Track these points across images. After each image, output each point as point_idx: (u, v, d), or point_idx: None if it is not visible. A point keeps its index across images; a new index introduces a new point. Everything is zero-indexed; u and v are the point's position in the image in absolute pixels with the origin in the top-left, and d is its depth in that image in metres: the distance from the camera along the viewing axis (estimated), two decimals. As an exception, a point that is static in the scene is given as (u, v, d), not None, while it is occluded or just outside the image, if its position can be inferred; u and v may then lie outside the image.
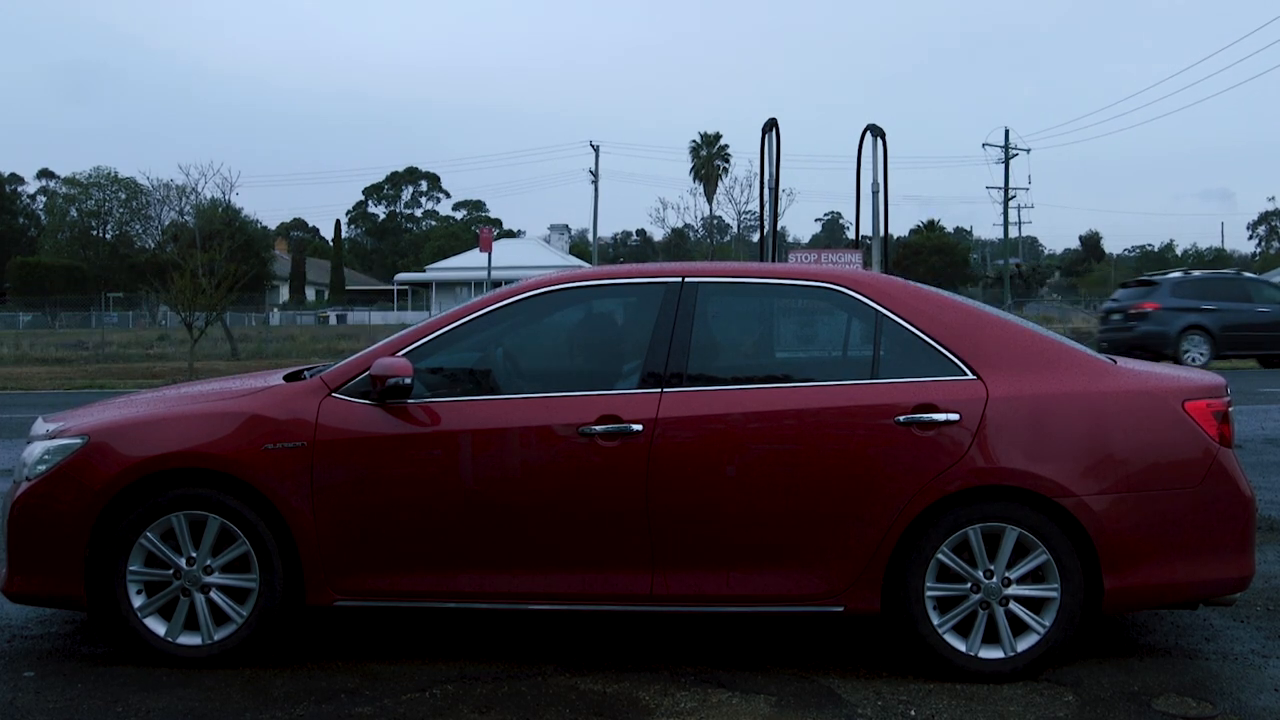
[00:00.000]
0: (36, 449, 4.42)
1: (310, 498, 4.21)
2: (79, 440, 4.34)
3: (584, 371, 4.66)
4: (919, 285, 4.63)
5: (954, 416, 4.14)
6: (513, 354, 4.65)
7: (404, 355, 4.34)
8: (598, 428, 4.18)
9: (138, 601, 4.29)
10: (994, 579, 4.13)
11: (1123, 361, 4.65)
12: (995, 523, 4.12)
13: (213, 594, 4.29)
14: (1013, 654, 4.13)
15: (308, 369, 4.91)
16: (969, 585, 4.14)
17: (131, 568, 4.27)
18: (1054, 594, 4.12)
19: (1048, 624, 4.12)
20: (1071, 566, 4.10)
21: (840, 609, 4.17)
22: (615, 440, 4.17)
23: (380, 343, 4.54)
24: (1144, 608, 4.40)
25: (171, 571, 4.28)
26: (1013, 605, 4.14)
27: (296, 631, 4.69)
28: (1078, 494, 4.08)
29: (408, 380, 4.22)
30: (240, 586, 4.28)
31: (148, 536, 4.26)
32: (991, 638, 4.15)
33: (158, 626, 4.30)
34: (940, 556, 4.13)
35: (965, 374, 4.23)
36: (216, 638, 4.28)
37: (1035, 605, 4.15)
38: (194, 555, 4.27)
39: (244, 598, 4.28)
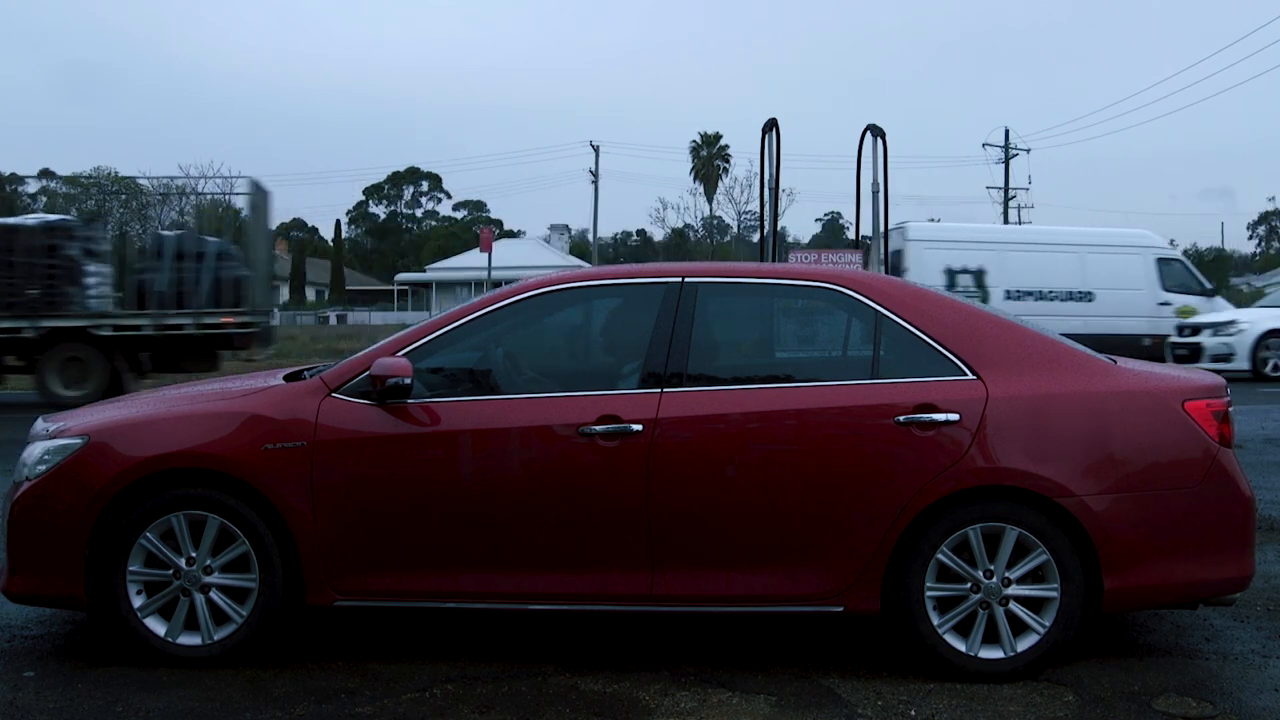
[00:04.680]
0: (37, 449, 4.42)
1: (310, 498, 4.21)
2: (79, 440, 4.33)
3: (584, 371, 4.66)
4: (919, 285, 4.64)
5: (954, 416, 4.14)
6: (513, 354, 4.65)
7: (404, 355, 4.34)
8: (598, 428, 4.18)
9: (138, 601, 4.28)
10: (994, 579, 4.13)
11: (1123, 361, 4.66)
12: (995, 523, 4.12)
13: (213, 594, 4.29)
14: (1013, 654, 4.13)
15: (308, 369, 4.91)
16: (969, 585, 4.14)
17: (131, 568, 4.27)
18: (1054, 594, 4.12)
19: (1048, 624, 4.12)
20: (1071, 566, 4.10)
21: (840, 609, 4.17)
22: (615, 440, 4.17)
23: (380, 343, 4.54)
24: (1144, 608, 4.40)
25: (171, 571, 4.28)
26: (1013, 605, 4.14)
27: (296, 631, 4.70)
28: (1078, 494, 4.08)
29: (407, 380, 4.22)
30: (240, 586, 4.28)
31: (147, 536, 4.26)
32: (991, 638, 4.15)
33: (158, 626, 4.29)
34: (940, 556, 4.13)
35: (965, 374, 4.23)
36: (216, 637, 4.28)
37: (1035, 605, 4.15)
38: (194, 555, 4.27)
39: (244, 598, 4.28)
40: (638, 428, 4.17)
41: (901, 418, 4.15)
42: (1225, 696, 4.02)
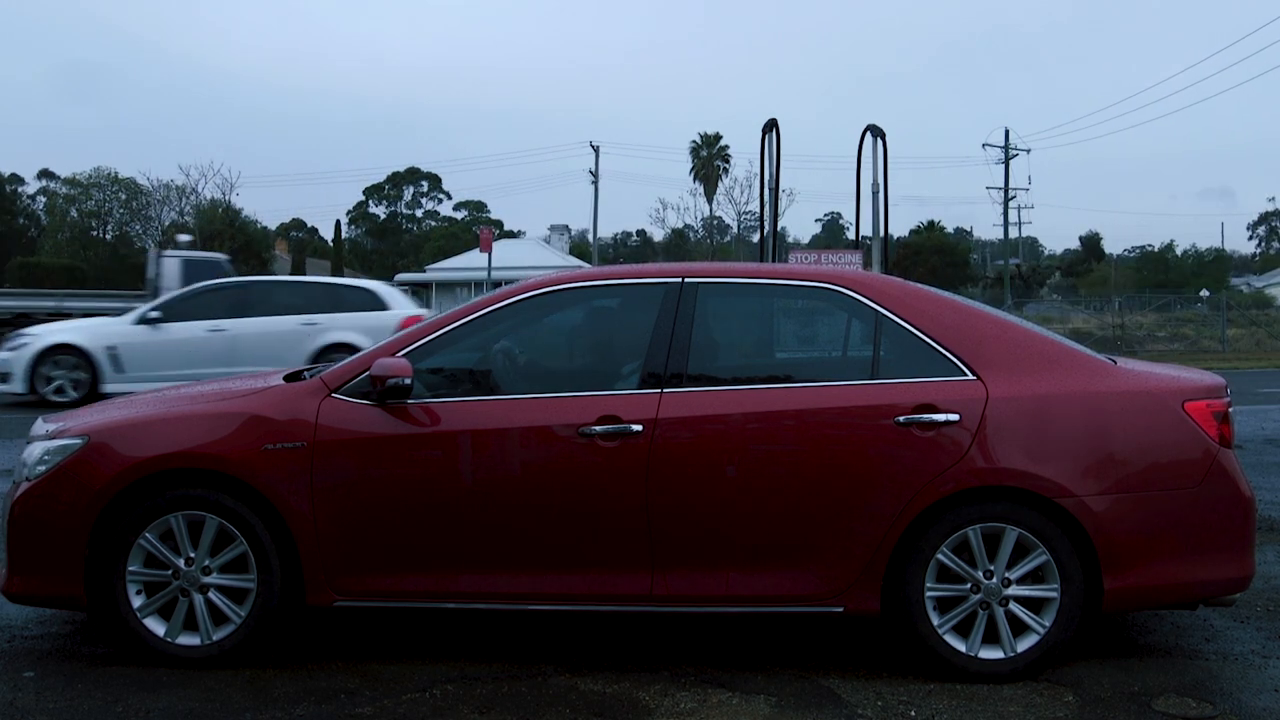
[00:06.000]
0: (36, 449, 4.42)
1: (310, 498, 4.21)
2: (79, 440, 4.33)
3: (584, 372, 4.66)
4: (918, 285, 4.63)
5: (954, 417, 4.14)
6: (513, 354, 4.66)
7: (404, 356, 4.34)
8: (597, 428, 4.18)
9: (137, 602, 4.29)
10: (994, 579, 4.13)
11: (1122, 361, 4.66)
12: (995, 523, 4.12)
13: (211, 594, 4.29)
14: (1013, 654, 4.13)
15: (308, 369, 4.91)
16: (969, 585, 4.14)
17: (131, 568, 4.27)
18: (1054, 594, 4.12)
19: (1048, 624, 4.12)
20: (1071, 567, 4.10)
21: (840, 609, 4.17)
22: (615, 441, 4.17)
23: (380, 343, 4.54)
24: (1144, 608, 4.39)
25: (170, 572, 4.28)
26: (1013, 605, 4.14)
27: (296, 631, 4.69)
28: (1078, 494, 4.08)
29: (407, 381, 4.22)
30: (238, 587, 4.28)
31: (146, 537, 4.26)
32: (991, 638, 4.15)
33: (157, 627, 4.30)
34: (940, 557, 4.13)
35: (965, 374, 4.23)
36: (215, 638, 4.27)
37: (1035, 605, 4.15)
38: (193, 555, 4.27)
39: (242, 598, 4.28)
40: (638, 428, 4.17)
41: (901, 418, 4.15)
42: (1225, 696, 4.02)
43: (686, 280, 4.46)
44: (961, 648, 4.14)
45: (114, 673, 4.25)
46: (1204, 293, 47.99)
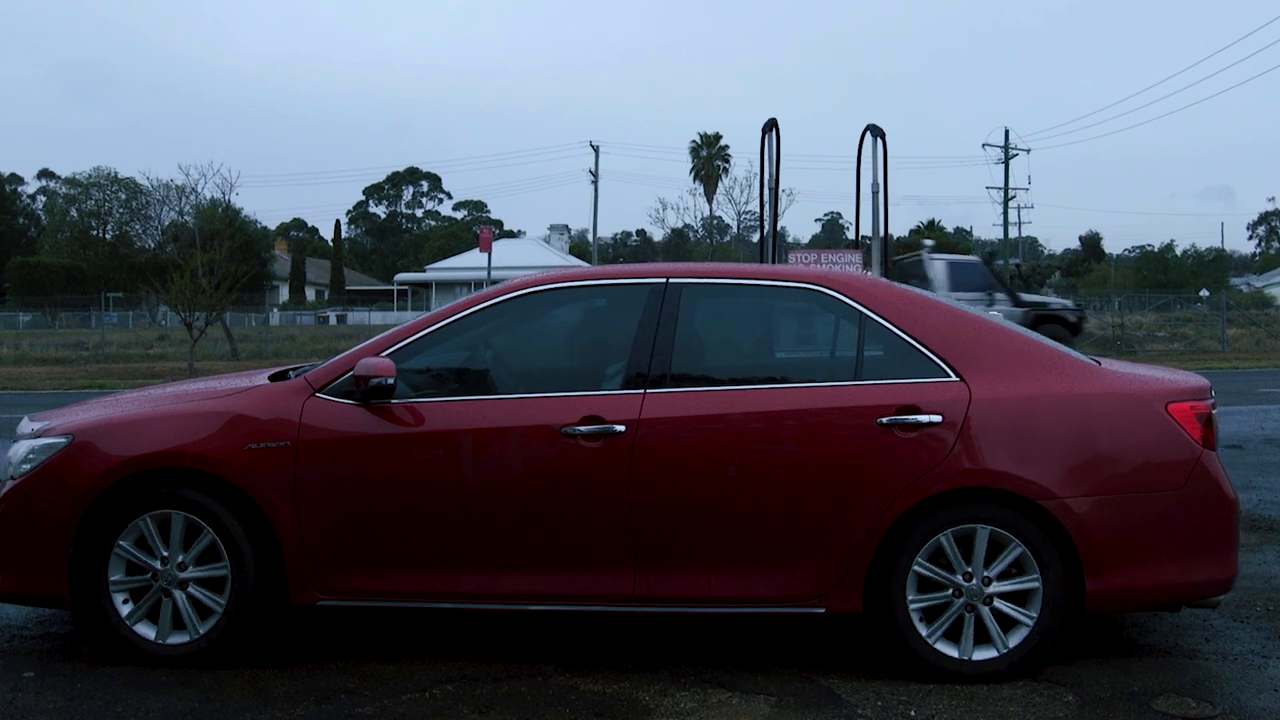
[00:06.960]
0: (21, 448, 4.41)
1: (293, 497, 4.19)
2: (63, 440, 4.32)
3: (568, 372, 4.63)
4: (902, 286, 4.61)
5: (937, 418, 4.11)
6: (497, 354, 4.63)
7: (388, 355, 4.32)
8: (581, 428, 4.16)
9: (125, 610, 4.29)
10: (973, 581, 4.10)
11: (1107, 363, 4.63)
12: (977, 524, 4.09)
13: (191, 589, 4.27)
14: (1005, 650, 4.10)
15: (293, 369, 4.90)
16: (951, 591, 4.11)
17: (114, 578, 4.27)
18: (1035, 585, 4.08)
19: (1034, 615, 4.09)
20: (1054, 567, 4.07)
21: (822, 610, 4.14)
22: (598, 441, 4.15)
23: (365, 343, 4.52)
24: (1126, 610, 4.37)
25: (149, 575, 4.27)
26: (997, 603, 4.11)
27: (296, 632, 4.68)
28: (1060, 496, 4.05)
29: (391, 380, 4.20)
30: (216, 576, 4.26)
31: (121, 545, 4.26)
32: (983, 639, 4.12)
33: (148, 631, 4.30)
34: (922, 558, 4.09)
35: (948, 375, 4.20)
36: (202, 631, 4.27)
37: (1020, 599, 4.11)
38: (166, 554, 4.27)
39: (221, 587, 4.26)
40: (621, 428, 4.15)
41: (884, 419, 4.12)
42: (1225, 696, 4.00)
43: (671, 281, 4.44)
44: (954, 653, 4.10)
45: (113, 673, 4.24)
46: (1204, 293, 47.91)
